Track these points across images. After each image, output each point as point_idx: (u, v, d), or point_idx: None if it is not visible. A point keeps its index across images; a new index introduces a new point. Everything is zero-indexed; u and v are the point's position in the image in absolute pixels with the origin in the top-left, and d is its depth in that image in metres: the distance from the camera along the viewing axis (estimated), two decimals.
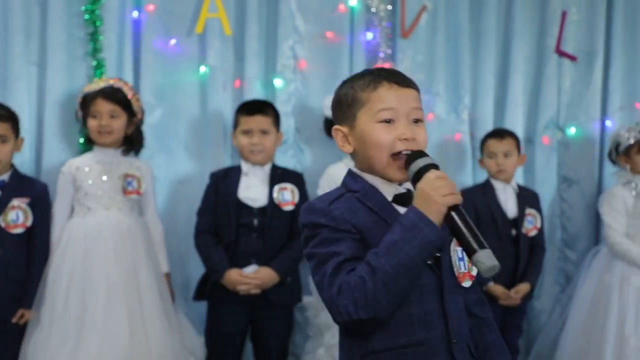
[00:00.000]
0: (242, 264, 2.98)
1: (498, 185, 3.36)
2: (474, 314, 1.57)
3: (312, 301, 3.22)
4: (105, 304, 2.79)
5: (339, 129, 1.55)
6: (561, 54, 3.78)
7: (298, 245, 3.02)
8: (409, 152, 1.46)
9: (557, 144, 3.81)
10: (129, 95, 2.98)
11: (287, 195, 3.07)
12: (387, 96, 1.48)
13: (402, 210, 1.47)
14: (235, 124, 3.12)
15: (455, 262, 1.50)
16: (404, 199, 1.48)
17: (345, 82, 1.56)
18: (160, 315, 2.88)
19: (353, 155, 1.55)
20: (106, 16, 3.25)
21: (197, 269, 3.22)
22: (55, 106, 3.21)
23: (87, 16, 3.23)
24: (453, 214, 1.38)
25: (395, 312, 1.40)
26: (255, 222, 3.02)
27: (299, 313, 3.36)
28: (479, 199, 3.33)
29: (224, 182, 3.07)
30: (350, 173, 1.56)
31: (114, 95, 2.94)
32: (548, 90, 3.77)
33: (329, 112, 3.25)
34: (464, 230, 1.37)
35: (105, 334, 2.76)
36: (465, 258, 1.50)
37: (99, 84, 2.99)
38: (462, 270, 1.50)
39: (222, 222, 3.04)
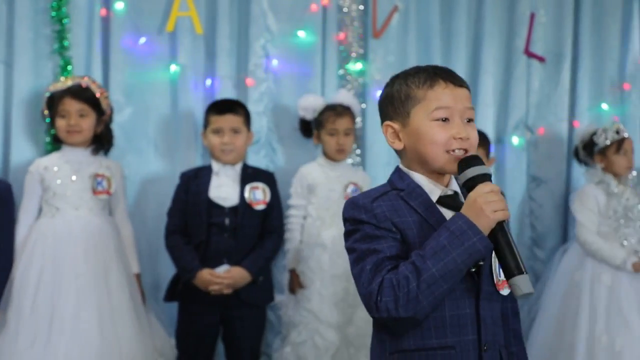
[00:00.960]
0: (213, 264, 2.94)
1: None
2: (507, 323, 1.55)
3: (284, 299, 3.20)
4: (74, 305, 2.74)
5: (390, 125, 1.54)
6: (530, 55, 3.79)
7: (269, 244, 3.05)
8: (462, 152, 1.47)
9: (527, 144, 3.82)
10: (97, 93, 2.92)
11: (258, 195, 3.03)
12: (443, 95, 1.49)
13: (445, 212, 1.49)
14: (206, 124, 3.08)
15: (495, 269, 1.48)
16: (449, 200, 1.50)
17: (396, 78, 1.55)
18: (131, 317, 2.83)
19: (402, 152, 1.55)
20: (74, 13, 3.18)
21: (167, 269, 3.17)
22: (22, 105, 3.13)
23: (54, 13, 3.15)
24: (499, 231, 1.40)
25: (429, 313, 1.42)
26: (227, 221, 2.98)
27: (271, 312, 3.32)
28: None
29: (195, 181, 3.02)
30: (397, 170, 1.56)
31: (82, 93, 2.87)
32: (517, 91, 3.78)
33: (304, 113, 3.32)
34: (506, 250, 1.40)
35: (75, 336, 2.71)
36: None
37: (66, 83, 2.92)
38: (502, 278, 1.48)
39: (192, 222, 2.99)
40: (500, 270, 1.46)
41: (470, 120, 1.52)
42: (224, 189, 3.01)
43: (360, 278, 1.43)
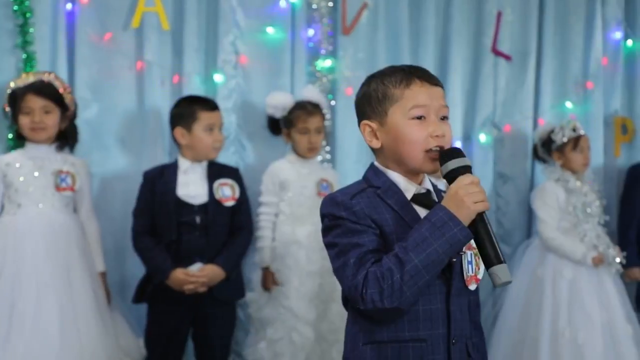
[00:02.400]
0: (185, 263, 2.87)
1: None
2: (470, 315, 1.58)
3: (255, 296, 3.14)
4: (34, 303, 2.64)
5: (367, 124, 1.56)
6: (497, 53, 3.79)
7: (241, 241, 3.00)
8: (437, 149, 1.49)
9: (493, 142, 3.82)
10: (61, 89, 2.81)
11: (227, 191, 2.97)
12: (419, 94, 1.51)
13: (419, 209, 1.51)
14: (190, 120, 2.94)
15: (465, 265, 1.51)
16: (423, 198, 1.52)
17: (373, 78, 1.58)
18: (94, 316, 2.74)
19: (378, 150, 1.57)
20: (38, 8, 3.07)
21: (134, 268, 3.09)
22: None
23: (16, 7, 3.04)
24: (479, 222, 1.42)
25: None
26: (197, 219, 2.90)
27: (240, 309, 3.27)
28: None
29: (161, 180, 2.93)
30: (372, 167, 1.57)
31: (45, 90, 2.77)
32: (485, 89, 3.78)
33: (272, 110, 3.25)
34: (486, 240, 1.42)
35: (34, 334, 2.61)
36: (474, 261, 1.53)
37: (28, 79, 2.81)
38: (470, 273, 1.52)
39: (161, 221, 2.91)
40: (469, 266, 1.51)
41: (444, 118, 1.54)
42: (192, 187, 2.94)
43: (345, 271, 1.45)
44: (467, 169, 1.45)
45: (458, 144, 3.64)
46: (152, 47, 3.23)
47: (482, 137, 3.78)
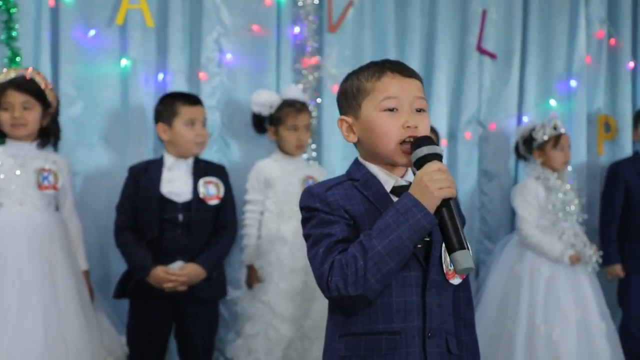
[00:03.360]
0: (166, 261, 2.82)
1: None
2: (458, 312, 1.56)
3: (240, 294, 3.12)
4: (18, 302, 2.58)
5: (344, 120, 1.56)
6: (482, 51, 3.77)
7: (223, 240, 2.95)
8: (411, 140, 1.46)
9: (478, 139, 3.80)
10: (43, 85, 2.76)
11: (212, 190, 2.93)
12: (390, 85, 1.49)
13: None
14: (171, 115, 2.89)
15: (446, 259, 1.48)
16: (403, 191, 1.46)
17: (350, 75, 1.57)
18: (77, 314, 2.70)
19: (357, 144, 1.56)
20: (22, 4, 3.03)
21: (117, 266, 3.05)
22: None
23: (1, 3, 3.00)
24: (443, 208, 1.39)
25: (377, 299, 1.43)
26: (180, 217, 2.86)
27: (224, 308, 3.24)
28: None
29: (145, 176, 2.89)
30: (355, 162, 1.57)
31: (26, 85, 2.71)
32: (470, 87, 3.76)
33: (257, 108, 3.20)
34: (449, 226, 1.38)
35: (18, 334, 2.55)
36: None
37: (9, 75, 2.75)
38: (452, 268, 1.48)
39: (144, 217, 2.86)
40: (452, 264, 1.45)
41: (421, 110, 1.50)
42: (176, 184, 2.90)
43: (314, 261, 1.44)
44: (435, 157, 1.42)
45: (444, 142, 3.62)
46: (136, 44, 3.19)
47: (467, 135, 3.76)
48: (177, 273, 2.80)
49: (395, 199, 1.47)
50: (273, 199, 3.09)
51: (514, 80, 3.82)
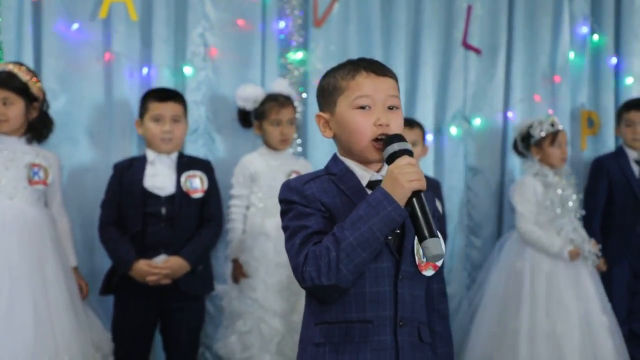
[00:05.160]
0: (150, 255, 2.79)
1: None
2: (432, 303, 1.59)
3: (226, 289, 3.08)
4: (7, 298, 2.52)
5: (321, 116, 1.59)
6: (467, 47, 3.74)
7: (208, 233, 2.91)
8: (383, 137, 1.49)
9: (464, 135, 3.77)
10: (25, 78, 2.68)
11: (195, 183, 2.90)
12: (364, 84, 1.52)
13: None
14: (143, 111, 2.90)
15: (418, 250, 1.50)
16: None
17: (328, 72, 1.60)
18: (67, 310, 2.64)
19: (334, 140, 1.59)
20: None
21: (103, 261, 3.00)
22: None
23: None
24: (414, 199, 1.41)
25: (351, 289, 1.45)
26: (163, 210, 2.82)
27: (210, 303, 3.20)
28: None
29: (129, 171, 2.86)
30: (334, 157, 1.59)
31: (6, 81, 2.64)
32: (455, 82, 3.73)
33: (242, 103, 3.15)
34: (420, 216, 1.41)
35: (8, 329, 2.50)
36: None
37: None
38: (424, 260, 1.50)
39: (128, 212, 2.82)
40: (423, 251, 1.46)
41: (393, 108, 1.54)
42: (159, 178, 2.86)
43: (291, 252, 1.47)
44: (406, 152, 1.45)
45: (429, 137, 3.59)
46: (120, 38, 3.13)
47: (453, 130, 3.74)
48: (160, 266, 2.76)
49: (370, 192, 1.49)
50: (258, 194, 3.05)
51: (499, 75, 3.80)
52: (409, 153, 1.46)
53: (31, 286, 2.57)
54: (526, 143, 3.44)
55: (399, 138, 1.48)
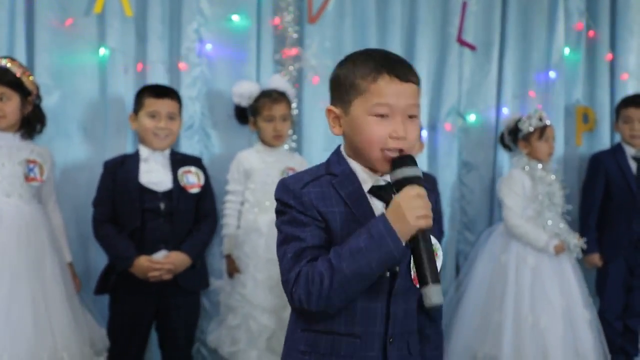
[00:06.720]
0: (150, 251, 2.76)
1: None
2: (424, 306, 1.48)
3: (222, 284, 3.08)
4: (7, 295, 2.50)
5: (332, 110, 1.48)
6: (462, 43, 3.72)
7: (206, 228, 2.90)
8: (396, 152, 1.40)
9: (458, 131, 3.76)
10: (18, 73, 2.65)
11: (191, 178, 2.88)
12: (385, 90, 1.40)
13: (375, 202, 1.43)
14: (138, 106, 2.87)
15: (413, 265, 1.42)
16: (381, 191, 1.41)
17: (346, 61, 1.47)
18: (65, 307, 2.62)
19: (343, 137, 1.49)
20: None
21: (97, 258, 2.99)
22: None
23: None
24: (419, 238, 1.34)
25: None
26: (162, 206, 2.79)
27: (206, 298, 3.19)
28: None
29: (122, 168, 2.82)
30: (337, 152, 1.49)
31: (0, 76, 2.60)
32: (450, 78, 3.72)
33: (238, 99, 3.12)
34: (424, 257, 1.33)
35: (7, 326, 2.47)
36: None
37: None
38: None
39: (124, 209, 2.78)
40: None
41: (412, 116, 1.43)
42: (154, 174, 2.83)
43: (282, 262, 1.41)
44: (415, 180, 1.36)
45: (424, 133, 3.58)
46: (114, 34, 3.10)
47: (448, 126, 3.73)
48: (162, 261, 2.74)
49: (372, 199, 1.42)
50: (252, 190, 3.03)
51: (494, 71, 3.79)
52: (419, 180, 1.37)
53: (30, 284, 2.54)
54: (514, 137, 3.44)
55: (410, 161, 1.38)
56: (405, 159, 1.38)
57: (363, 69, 1.41)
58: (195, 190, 2.86)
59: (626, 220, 3.55)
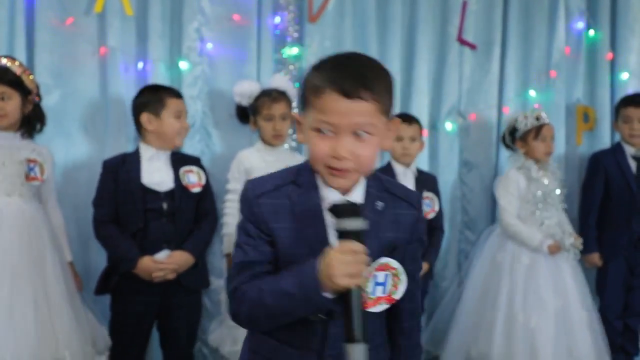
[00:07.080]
0: (152, 251, 2.75)
1: (399, 169, 3.27)
2: (399, 321, 1.49)
3: (222, 283, 3.08)
4: (8, 295, 2.50)
5: (295, 116, 1.44)
6: (462, 42, 3.72)
7: (207, 227, 2.91)
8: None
9: (459, 130, 3.76)
10: (18, 72, 2.65)
11: (193, 178, 2.88)
12: (327, 107, 1.31)
13: (333, 221, 1.30)
14: (157, 106, 2.82)
15: (370, 287, 1.38)
16: (340, 210, 1.29)
17: (312, 68, 1.38)
18: (67, 306, 2.63)
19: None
20: None
21: (98, 257, 2.99)
22: None
23: None
24: (352, 292, 1.26)
25: None
26: (164, 206, 2.79)
27: (207, 297, 3.19)
28: None
29: (123, 168, 2.81)
30: (308, 164, 1.42)
31: (0, 76, 2.60)
32: (450, 77, 3.72)
33: (239, 99, 3.12)
34: (354, 314, 1.25)
35: (9, 326, 2.48)
36: (389, 282, 1.40)
37: None
38: (379, 294, 1.40)
39: (126, 209, 2.78)
40: (378, 287, 1.39)
41: (363, 135, 1.32)
42: (156, 174, 2.83)
43: (232, 263, 1.42)
44: (353, 235, 1.26)
45: (425, 133, 3.58)
46: (115, 33, 3.09)
47: (448, 126, 3.73)
48: (166, 261, 2.74)
49: (332, 218, 1.30)
50: None
51: (494, 70, 3.79)
52: (359, 235, 1.26)
53: (31, 283, 2.55)
54: (512, 136, 3.44)
55: (350, 212, 1.27)
56: (348, 208, 1.28)
57: (313, 81, 1.34)
58: (197, 189, 2.86)
59: (626, 219, 3.55)
